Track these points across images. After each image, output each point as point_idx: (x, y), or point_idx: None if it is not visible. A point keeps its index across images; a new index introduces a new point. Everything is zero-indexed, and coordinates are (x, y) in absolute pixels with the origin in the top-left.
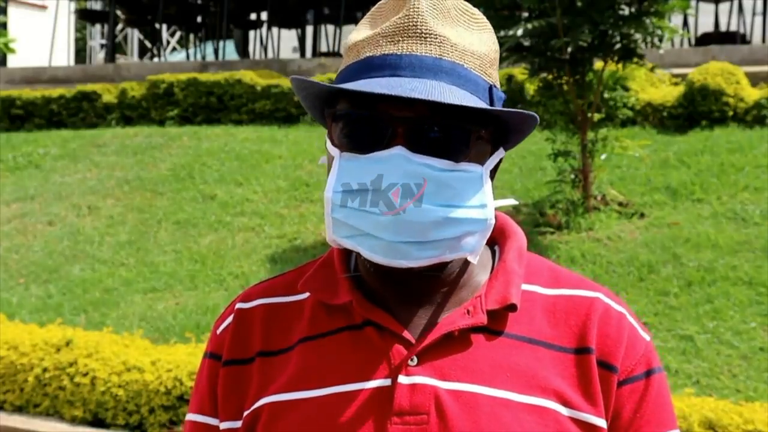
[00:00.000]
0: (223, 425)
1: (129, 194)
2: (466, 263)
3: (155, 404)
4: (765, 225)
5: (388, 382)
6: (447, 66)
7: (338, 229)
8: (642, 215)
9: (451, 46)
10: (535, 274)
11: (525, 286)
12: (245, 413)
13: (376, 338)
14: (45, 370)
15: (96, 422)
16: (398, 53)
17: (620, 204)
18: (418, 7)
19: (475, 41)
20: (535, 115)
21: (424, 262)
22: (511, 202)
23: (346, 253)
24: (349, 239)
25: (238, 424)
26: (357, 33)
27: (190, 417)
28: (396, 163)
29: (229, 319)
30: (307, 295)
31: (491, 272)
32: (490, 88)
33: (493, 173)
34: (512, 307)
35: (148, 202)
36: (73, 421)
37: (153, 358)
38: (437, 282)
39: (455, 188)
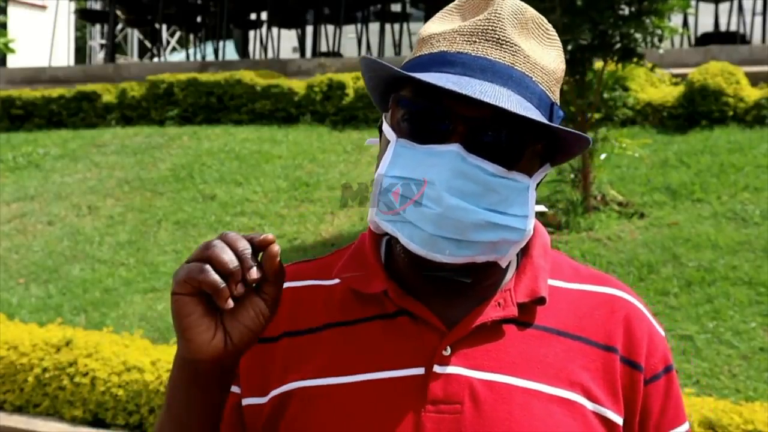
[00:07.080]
0: (247, 401)
1: (129, 194)
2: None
3: (155, 404)
4: (765, 225)
5: (421, 370)
6: (517, 75)
7: (381, 211)
8: (642, 215)
9: (524, 57)
10: (557, 269)
11: (550, 281)
12: (272, 393)
13: (410, 327)
14: (45, 370)
15: (96, 422)
16: (472, 54)
17: (620, 204)
18: (500, 13)
19: (545, 56)
20: (590, 138)
21: (458, 260)
22: (542, 209)
23: (377, 242)
24: (390, 223)
25: (262, 400)
26: (434, 25)
27: None
28: (449, 159)
29: None
30: (337, 281)
31: (517, 267)
32: (552, 105)
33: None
34: (541, 300)
35: (148, 202)
36: (73, 421)
37: (153, 358)
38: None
39: (501, 194)
